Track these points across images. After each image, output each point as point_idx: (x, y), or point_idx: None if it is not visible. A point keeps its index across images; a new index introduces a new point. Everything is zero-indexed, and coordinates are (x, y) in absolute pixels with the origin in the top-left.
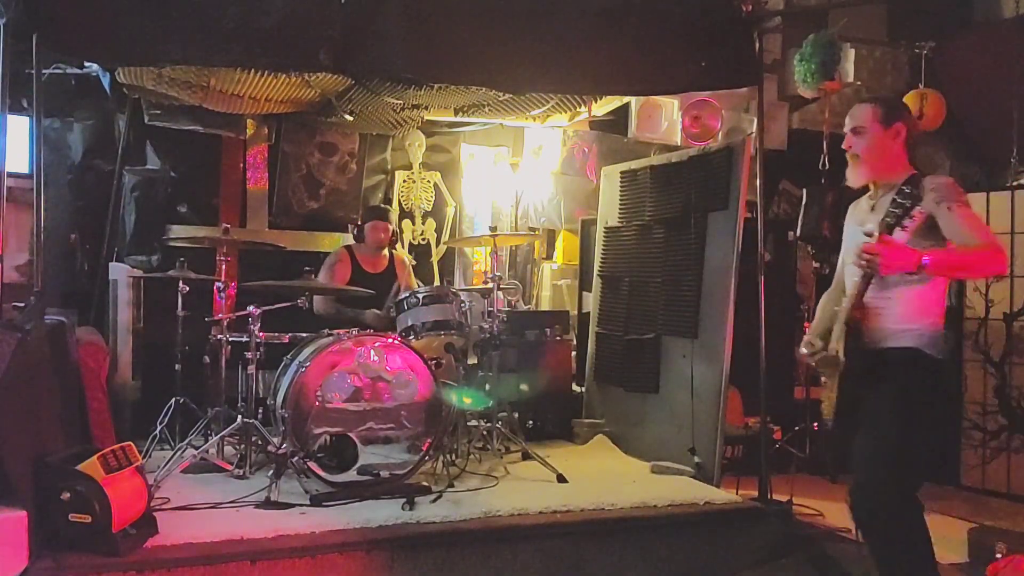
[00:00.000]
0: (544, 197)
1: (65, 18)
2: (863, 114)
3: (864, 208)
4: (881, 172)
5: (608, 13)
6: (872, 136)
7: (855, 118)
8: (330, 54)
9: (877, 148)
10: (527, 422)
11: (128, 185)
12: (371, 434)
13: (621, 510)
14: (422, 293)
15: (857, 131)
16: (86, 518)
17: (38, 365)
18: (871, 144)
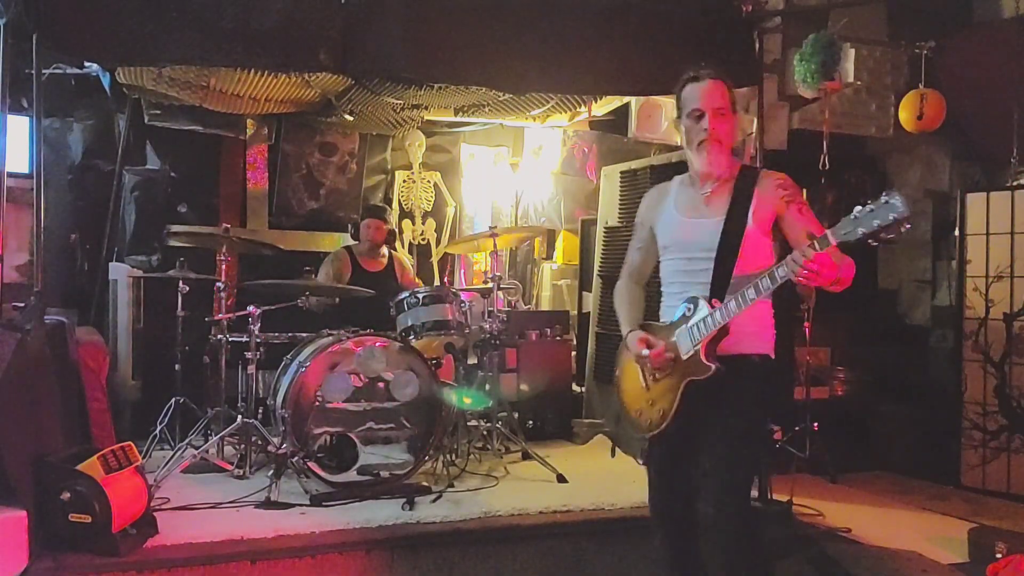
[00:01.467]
0: (544, 197)
1: (65, 18)
2: (722, 93)
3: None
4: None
5: (608, 13)
6: (732, 120)
7: (715, 97)
8: (330, 54)
9: (733, 134)
10: (527, 422)
11: (128, 185)
12: (371, 434)
13: (621, 510)
14: (422, 293)
15: (721, 113)
16: (86, 518)
17: (38, 365)
18: (731, 129)
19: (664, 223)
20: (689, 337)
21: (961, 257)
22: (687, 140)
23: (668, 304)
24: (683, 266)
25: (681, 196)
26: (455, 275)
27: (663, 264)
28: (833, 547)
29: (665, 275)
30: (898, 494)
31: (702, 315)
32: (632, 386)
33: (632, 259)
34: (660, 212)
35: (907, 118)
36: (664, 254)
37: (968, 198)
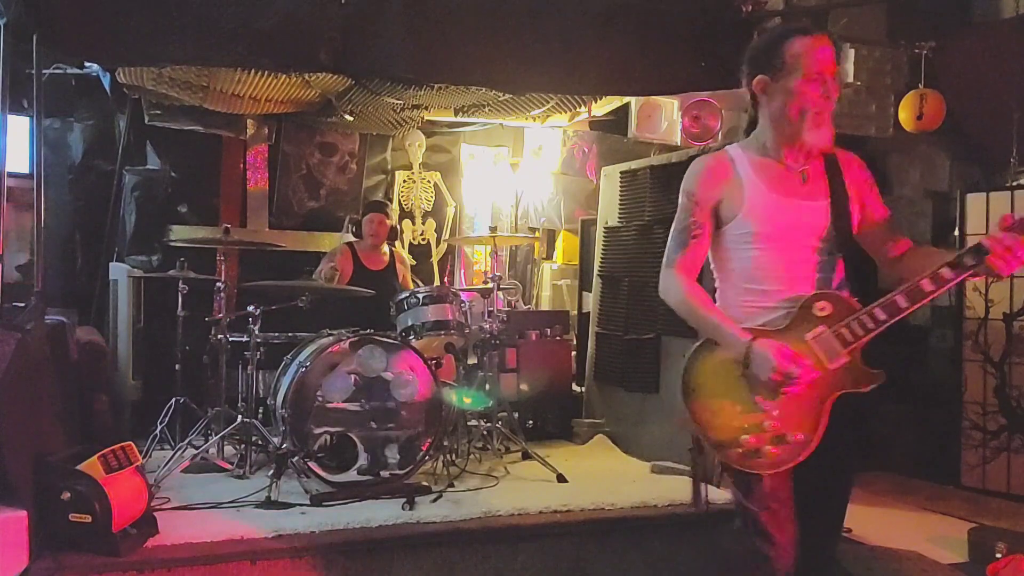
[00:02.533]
0: (544, 197)
1: (65, 18)
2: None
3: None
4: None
5: (608, 13)
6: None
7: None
8: (330, 54)
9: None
10: (527, 422)
11: (128, 185)
12: (371, 434)
13: (621, 510)
14: (422, 293)
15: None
16: (86, 518)
17: (38, 365)
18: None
19: (754, 204)
20: (838, 340)
21: None
22: (790, 109)
23: (753, 303)
24: (783, 257)
25: (765, 173)
26: (455, 275)
27: (744, 253)
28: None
29: (747, 268)
30: (898, 494)
31: (850, 315)
32: (728, 404)
33: (688, 249)
34: (738, 189)
35: (907, 118)
36: (751, 243)
37: (968, 198)
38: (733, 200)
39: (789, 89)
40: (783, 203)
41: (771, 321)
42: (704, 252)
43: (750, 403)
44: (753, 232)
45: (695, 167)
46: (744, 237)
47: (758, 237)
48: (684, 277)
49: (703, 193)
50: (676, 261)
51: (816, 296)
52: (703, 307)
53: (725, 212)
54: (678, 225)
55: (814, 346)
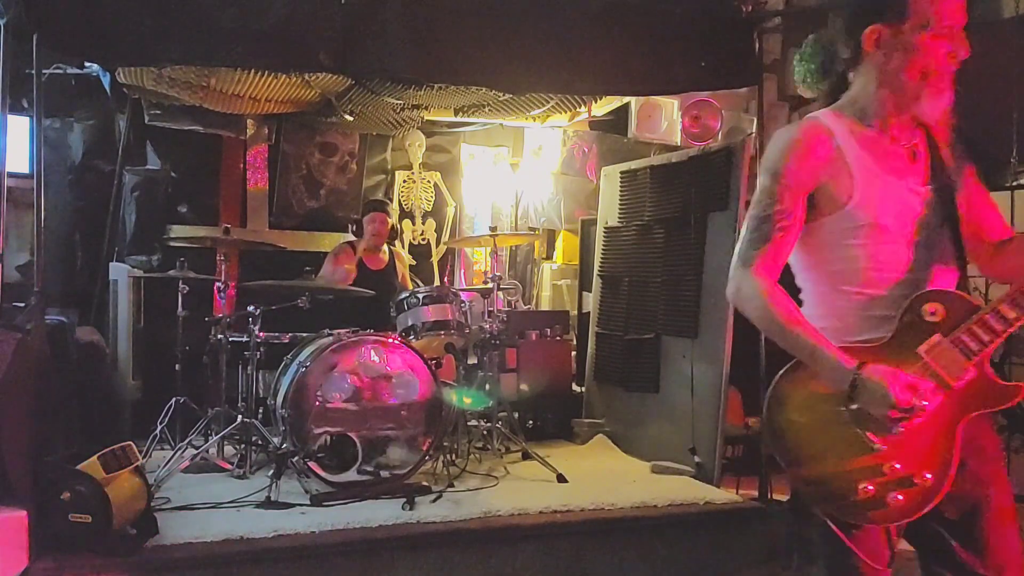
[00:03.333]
0: (544, 197)
1: (65, 18)
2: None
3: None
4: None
5: (608, 13)
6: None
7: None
8: (330, 54)
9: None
10: (527, 422)
11: (128, 185)
12: (371, 434)
13: (621, 510)
14: (422, 293)
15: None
16: (86, 518)
17: (38, 365)
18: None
19: (867, 189)
20: (960, 350)
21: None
22: (909, 68)
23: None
24: (895, 254)
25: (872, 148)
26: (455, 275)
27: (844, 252)
28: None
29: (853, 268)
30: None
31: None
32: (834, 446)
33: (771, 244)
34: (843, 170)
35: None
36: (854, 237)
37: None
38: (838, 184)
39: (912, 44)
40: (897, 187)
41: (872, 332)
42: (790, 249)
43: (861, 442)
44: (864, 225)
45: (784, 139)
46: (851, 231)
47: (870, 231)
48: (767, 282)
49: (797, 174)
50: (755, 260)
51: (922, 297)
52: (794, 323)
53: (826, 199)
54: (758, 213)
55: (931, 362)
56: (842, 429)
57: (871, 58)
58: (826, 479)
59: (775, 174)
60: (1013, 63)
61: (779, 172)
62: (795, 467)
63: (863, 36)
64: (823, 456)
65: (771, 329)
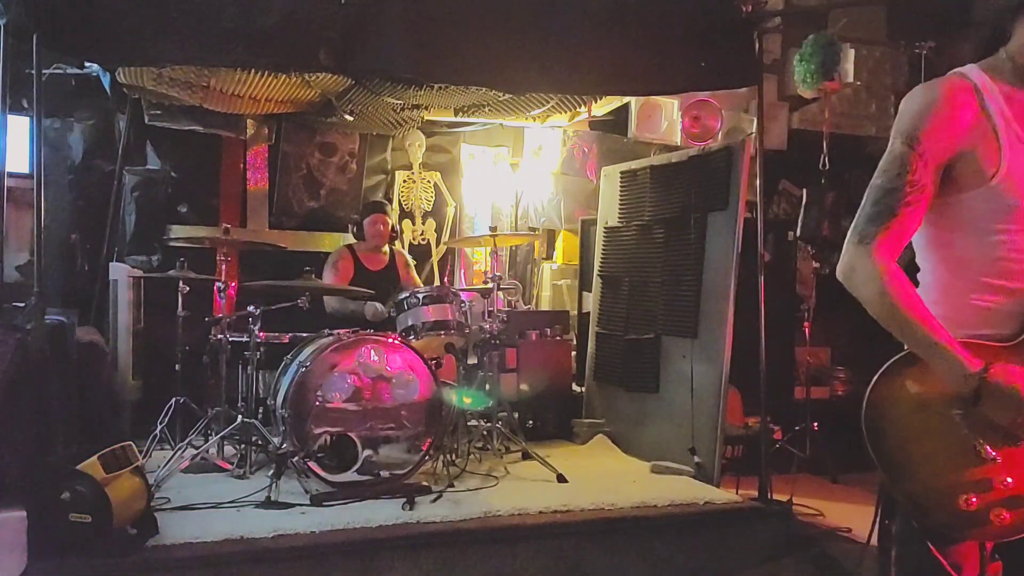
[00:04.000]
0: (544, 197)
1: (65, 18)
2: None
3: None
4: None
5: (608, 13)
6: None
7: None
8: (330, 54)
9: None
10: (527, 422)
11: (128, 185)
12: (371, 434)
13: (621, 510)
14: (422, 293)
15: None
16: (86, 518)
17: (38, 365)
18: None
19: (1013, 161)
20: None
21: None
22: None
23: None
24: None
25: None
26: (455, 275)
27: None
28: (833, 547)
29: (995, 256)
30: None
31: None
32: (940, 452)
33: (896, 221)
34: (990, 139)
35: None
36: (1000, 220)
37: None
38: (984, 154)
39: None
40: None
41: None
42: (916, 227)
43: (972, 451)
44: (1011, 206)
45: (923, 98)
46: (994, 213)
47: (1015, 213)
48: (888, 264)
49: (935, 139)
50: (876, 238)
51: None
52: (916, 315)
53: (968, 171)
54: (885, 184)
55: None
56: (952, 435)
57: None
58: (927, 488)
59: (909, 138)
60: None
61: (915, 136)
62: (897, 473)
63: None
64: (927, 463)
65: (888, 318)
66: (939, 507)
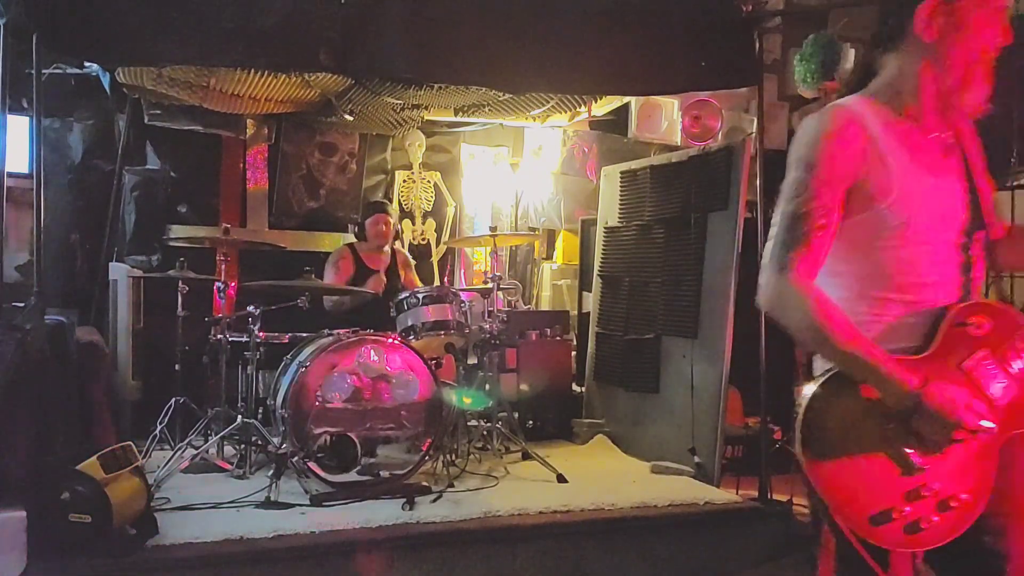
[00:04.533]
0: (544, 197)
1: (65, 18)
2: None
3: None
4: None
5: (608, 13)
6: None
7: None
8: (330, 54)
9: None
10: (527, 422)
11: (128, 185)
12: (371, 434)
13: (621, 510)
14: (422, 293)
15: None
16: (86, 518)
17: (38, 365)
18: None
19: (907, 186)
20: (1005, 368)
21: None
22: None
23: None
24: (931, 256)
25: (907, 141)
26: (455, 275)
27: (875, 254)
28: None
29: (881, 271)
30: None
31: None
32: (875, 466)
33: (811, 245)
34: (880, 165)
35: None
36: (889, 237)
37: None
38: (877, 180)
39: (964, 22)
40: (932, 184)
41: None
42: (828, 249)
43: (903, 461)
44: (899, 225)
45: (816, 127)
46: (886, 231)
47: (904, 231)
48: (809, 286)
49: (834, 166)
50: (794, 263)
51: (970, 308)
52: (846, 335)
53: (860, 197)
54: (793, 210)
55: (978, 379)
56: (884, 446)
57: (918, 37)
58: (866, 502)
59: (809, 165)
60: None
61: (814, 163)
62: (831, 491)
63: (916, 11)
64: (864, 476)
65: (820, 343)
66: (881, 521)
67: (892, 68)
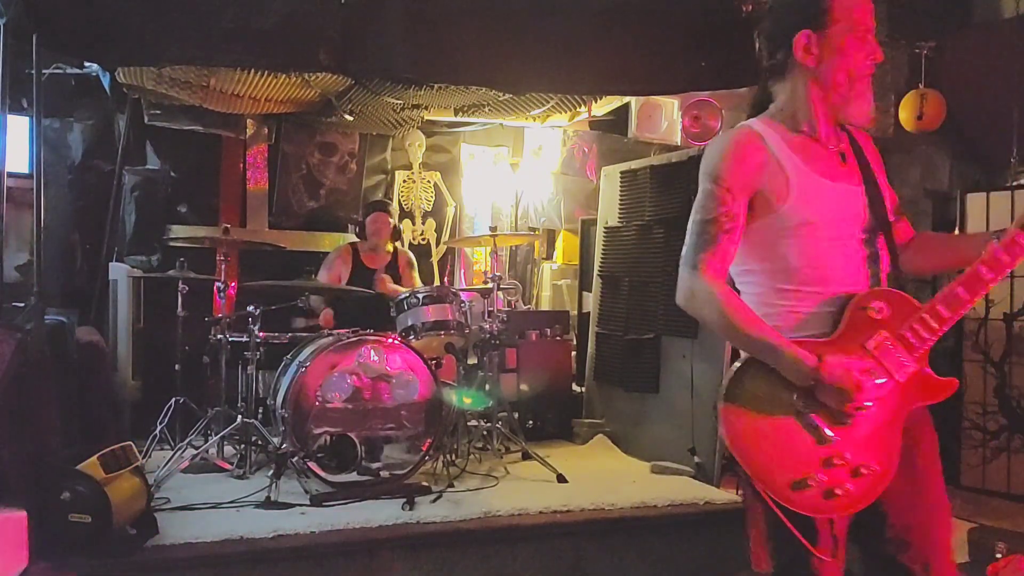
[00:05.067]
0: (544, 197)
1: (65, 18)
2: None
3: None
4: None
5: (608, 13)
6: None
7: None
8: (330, 54)
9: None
10: (527, 422)
11: (128, 185)
12: (371, 434)
13: (621, 510)
14: (422, 293)
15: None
16: (86, 518)
17: (38, 365)
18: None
19: (804, 189)
20: (904, 347)
21: None
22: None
23: (790, 308)
24: (832, 251)
25: (804, 153)
26: (455, 275)
27: (779, 251)
28: None
29: (788, 266)
30: None
31: (911, 315)
32: (789, 439)
33: (718, 246)
34: (779, 173)
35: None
36: (792, 236)
37: (968, 198)
38: (775, 187)
39: (837, 47)
40: (830, 187)
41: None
42: (735, 251)
43: (816, 432)
44: (798, 224)
45: (720, 145)
46: (789, 230)
47: (807, 229)
48: (719, 284)
49: (736, 177)
50: (704, 263)
51: (870, 295)
52: (751, 324)
53: (763, 203)
54: (703, 217)
55: (880, 357)
56: (797, 421)
57: (795, 66)
58: (784, 472)
59: (716, 178)
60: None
61: (720, 176)
62: (754, 465)
63: (793, 42)
64: (781, 449)
65: (728, 331)
66: (799, 489)
67: (785, 93)
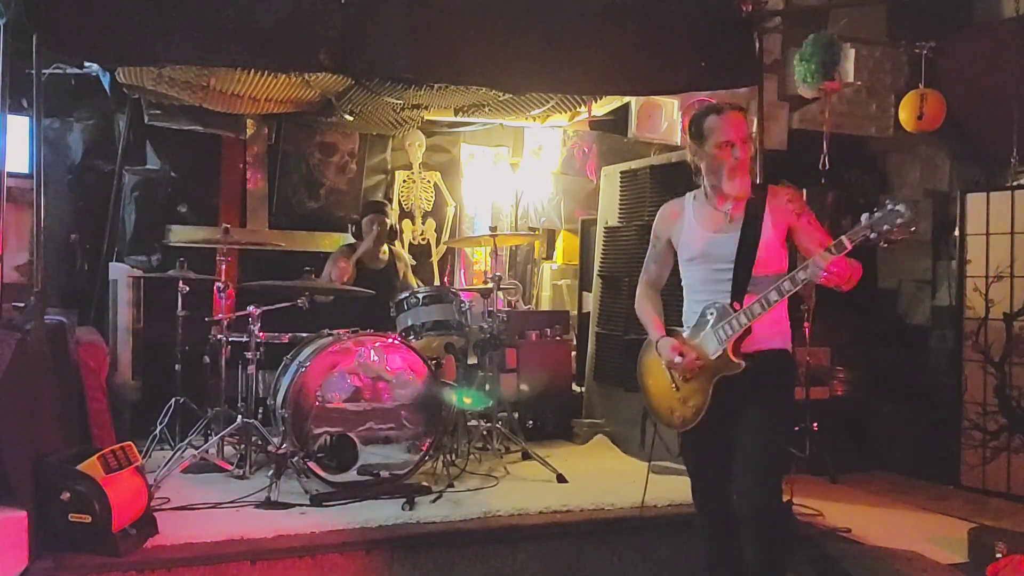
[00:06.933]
0: (544, 197)
1: (65, 18)
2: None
3: (712, 214)
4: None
5: (608, 13)
6: (749, 147)
7: (741, 127)
8: (330, 54)
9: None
10: (527, 422)
11: (128, 185)
12: (371, 434)
13: (621, 510)
14: (422, 293)
15: (744, 141)
16: (86, 518)
17: (38, 365)
18: (749, 154)
19: (688, 238)
20: (716, 338)
21: (961, 257)
22: (712, 166)
23: (692, 309)
24: (708, 275)
25: (701, 212)
26: (455, 275)
27: (687, 273)
28: (833, 547)
29: (690, 283)
30: (898, 494)
31: (727, 318)
32: (660, 387)
33: (650, 270)
34: (680, 227)
35: (907, 118)
36: (689, 265)
37: (968, 198)
38: (677, 236)
39: (709, 154)
40: (708, 236)
41: (692, 321)
42: (665, 274)
43: (672, 382)
44: (688, 258)
45: (660, 210)
46: (683, 262)
47: (691, 261)
48: (645, 291)
49: (659, 231)
50: (643, 280)
51: (708, 305)
52: (645, 314)
53: (679, 244)
54: (649, 253)
55: (703, 342)
56: (662, 376)
57: (696, 162)
58: (656, 403)
59: (654, 232)
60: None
61: (655, 231)
62: (648, 398)
63: (688, 149)
64: (656, 391)
65: (639, 313)
66: (664, 416)
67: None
